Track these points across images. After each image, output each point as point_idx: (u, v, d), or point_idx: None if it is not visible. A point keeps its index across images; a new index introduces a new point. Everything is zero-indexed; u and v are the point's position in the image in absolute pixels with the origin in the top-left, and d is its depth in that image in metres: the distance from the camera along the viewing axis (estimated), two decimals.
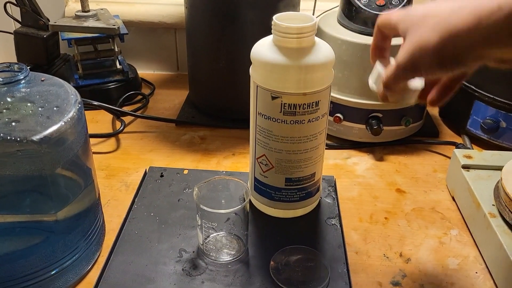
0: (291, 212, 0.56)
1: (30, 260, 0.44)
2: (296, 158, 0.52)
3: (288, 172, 0.53)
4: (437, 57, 0.36)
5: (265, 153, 0.53)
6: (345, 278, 0.49)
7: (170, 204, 0.59)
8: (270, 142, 0.52)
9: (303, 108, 0.49)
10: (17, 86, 0.46)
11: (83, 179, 0.49)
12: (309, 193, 0.56)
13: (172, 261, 0.51)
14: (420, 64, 0.37)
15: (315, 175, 0.55)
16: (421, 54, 0.36)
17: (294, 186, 0.54)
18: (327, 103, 0.51)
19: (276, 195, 0.55)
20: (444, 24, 0.35)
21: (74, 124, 0.45)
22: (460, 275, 0.52)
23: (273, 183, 0.54)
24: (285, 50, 0.48)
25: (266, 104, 0.49)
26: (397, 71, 0.39)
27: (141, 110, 0.85)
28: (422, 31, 0.36)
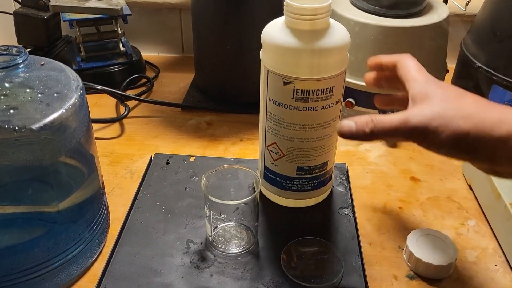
0: (302, 202, 0.54)
1: (32, 253, 0.42)
2: (308, 146, 0.50)
3: (300, 160, 0.51)
4: (454, 140, 0.34)
5: (276, 141, 0.50)
6: (359, 271, 0.47)
7: (177, 192, 0.57)
8: (282, 130, 0.49)
9: (317, 94, 0.46)
10: (15, 70, 0.43)
11: (86, 167, 0.47)
12: (322, 182, 0.54)
13: (180, 252, 0.49)
14: (431, 136, 0.35)
15: (327, 164, 0.52)
16: (438, 128, 0.35)
17: (306, 175, 0.52)
18: (341, 89, 0.48)
19: (287, 184, 0.53)
20: (474, 111, 0.35)
21: (76, 111, 0.42)
22: (479, 268, 0.50)
23: (284, 172, 0.52)
24: (298, 33, 0.45)
25: (278, 89, 0.47)
26: (402, 128, 0.36)
27: (146, 94, 0.82)
28: (450, 109, 0.35)
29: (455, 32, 0.86)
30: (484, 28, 0.71)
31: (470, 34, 0.75)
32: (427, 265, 0.47)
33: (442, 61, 0.75)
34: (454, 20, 0.88)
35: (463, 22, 0.89)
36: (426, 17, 0.69)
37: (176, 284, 0.45)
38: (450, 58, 0.77)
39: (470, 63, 0.69)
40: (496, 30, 0.68)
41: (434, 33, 0.69)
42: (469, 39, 0.75)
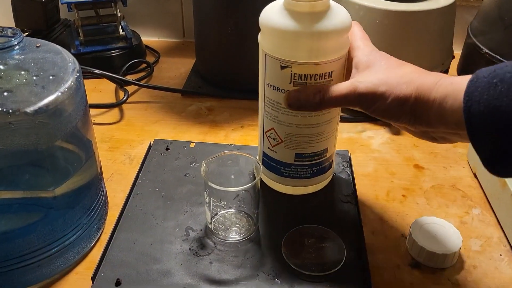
0: (301, 189, 0.53)
1: (28, 238, 0.42)
2: (307, 132, 0.48)
3: (298, 147, 0.49)
4: (398, 104, 0.37)
5: (274, 127, 0.49)
6: (361, 260, 0.46)
7: (176, 179, 0.56)
8: (279, 115, 0.48)
9: (315, 79, 0.44)
10: (10, 52, 0.42)
11: (83, 152, 0.46)
12: (321, 169, 0.52)
13: (179, 239, 0.48)
14: (378, 102, 0.38)
15: (327, 151, 0.51)
16: (385, 94, 0.37)
17: (304, 162, 0.50)
18: (341, 74, 0.46)
19: (286, 171, 0.51)
20: (415, 77, 0.37)
21: (72, 95, 0.41)
22: (483, 257, 0.49)
23: (282, 158, 0.51)
24: (296, 15, 0.43)
25: (275, 74, 0.45)
26: (350, 95, 0.39)
27: (146, 79, 0.81)
28: (394, 76, 0.38)
29: (462, 18, 0.84)
30: (491, 13, 0.69)
31: (477, 20, 0.73)
32: (430, 253, 0.46)
33: (448, 46, 0.73)
34: (461, 5, 0.86)
35: (469, 7, 0.87)
36: (432, 1, 0.67)
37: (175, 271, 0.45)
38: (457, 44, 0.76)
39: (477, 48, 0.68)
40: (503, 15, 0.67)
41: (440, 18, 0.67)
42: (476, 24, 0.73)
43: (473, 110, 0.32)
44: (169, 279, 0.44)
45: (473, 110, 0.32)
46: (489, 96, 0.31)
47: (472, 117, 0.32)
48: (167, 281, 0.44)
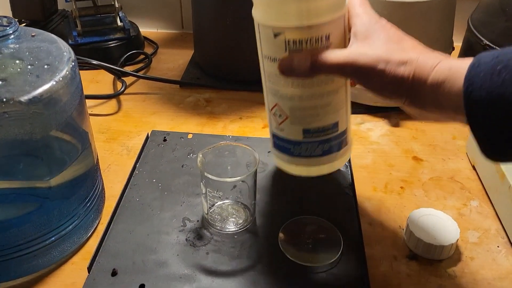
0: (314, 169, 0.47)
1: (23, 228, 0.42)
2: (311, 104, 0.44)
3: (305, 122, 0.45)
4: (395, 84, 0.36)
5: (277, 102, 0.45)
6: (358, 251, 0.46)
7: (173, 170, 0.56)
8: (281, 89, 0.44)
9: (310, 44, 0.40)
10: (5, 41, 0.42)
11: (79, 143, 0.46)
12: (334, 146, 0.47)
13: (175, 230, 0.48)
14: (374, 79, 0.37)
15: (338, 125, 0.46)
16: (384, 72, 0.36)
17: (314, 138, 0.45)
18: (341, 39, 0.42)
19: (295, 149, 0.46)
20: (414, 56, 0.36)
21: (67, 84, 0.41)
22: (481, 249, 0.49)
23: (290, 135, 0.46)
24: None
25: (270, 44, 0.42)
26: (347, 66, 0.37)
27: (144, 71, 0.80)
28: (393, 53, 0.37)
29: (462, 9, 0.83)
30: (493, 5, 0.69)
31: (478, 11, 0.73)
32: (427, 245, 0.46)
33: (448, 38, 0.72)
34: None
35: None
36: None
37: (171, 262, 0.44)
38: (457, 35, 0.75)
39: (477, 40, 0.67)
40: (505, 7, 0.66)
41: (440, 9, 0.67)
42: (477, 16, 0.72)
43: (474, 96, 0.31)
44: (165, 269, 0.44)
45: (474, 96, 0.31)
46: (492, 82, 0.30)
47: (473, 103, 0.31)
48: (163, 272, 0.43)
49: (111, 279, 0.43)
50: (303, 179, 0.48)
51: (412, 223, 0.48)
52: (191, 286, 0.42)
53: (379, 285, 0.45)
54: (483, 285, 0.45)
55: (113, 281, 0.42)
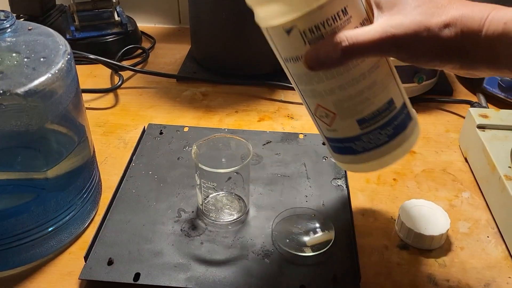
0: (387, 159, 0.42)
1: (21, 218, 0.42)
2: (355, 90, 0.38)
3: (356, 112, 0.39)
4: (444, 50, 0.33)
5: (318, 103, 0.40)
6: (350, 241, 0.47)
7: (169, 162, 0.57)
8: (316, 87, 0.39)
9: (329, 25, 0.35)
10: (2, 35, 0.43)
11: (75, 135, 0.47)
12: (398, 126, 0.41)
13: (171, 221, 0.49)
14: (420, 50, 0.33)
15: (393, 102, 0.40)
16: (428, 39, 0.33)
17: (372, 126, 0.40)
18: (360, 7, 0.37)
19: (358, 146, 0.41)
20: (458, 16, 0.32)
21: (63, 77, 0.41)
22: (471, 239, 0.50)
23: (346, 133, 0.41)
24: None
25: (285, 43, 0.38)
26: (385, 40, 0.33)
27: (141, 65, 0.81)
28: (428, 13, 0.33)
29: None
30: None
31: None
32: (418, 235, 0.47)
33: None
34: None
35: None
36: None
37: (166, 251, 0.45)
38: None
39: None
40: None
41: None
42: None
43: None
44: (160, 258, 0.45)
45: None
46: None
47: None
48: (159, 261, 0.44)
49: (107, 268, 0.43)
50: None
51: (404, 213, 0.49)
52: (185, 275, 0.43)
53: (370, 274, 0.45)
54: (472, 274, 0.46)
55: (109, 269, 0.43)
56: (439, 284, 0.45)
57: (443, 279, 0.45)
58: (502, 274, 0.46)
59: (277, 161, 0.57)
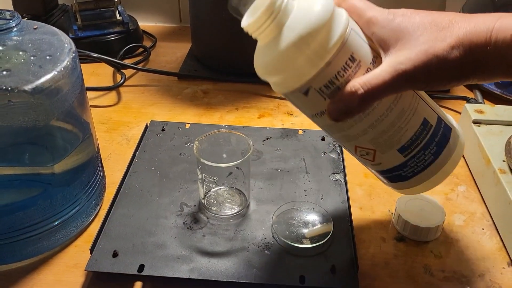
0: (439, 176, 0.42)
1: (28, 212, 0.44)
2: (386, 124, 0.38)
3: (393, 142, 0.40)
4: (458, 70, 0.33)
5: (355, 144, 0.41)
6: (348, 233, 0.48)
7: (172, 158, 0.58)
8: (348, 132, 0.40)
9: (342, 76, 0.36)
10: (8, 34, 0.44)
11: (80, 131, 0.48)
12: (440, 142, 0.40)
13: (173, 215, 0.50)
14: (435, 77, 0.34)
15: (427, 121, 0.40)
16: (438, 65, 0.33)
17: (414, 150, 0.40)
18: (365, 48, 0.37)
19: (406, 172, 0.41)
20: (462, 34, 0.33)
21: (68, 74, 0.43)
22: (466, 231, 0.51)
23: (391, 163, 0.41)
24: (269, 45, 0.37)
25: (307, 103, 0.39)
26: (397, 79, 0.33)
27: (142, 63, 0.82)
28: (432, 39, 0.33)
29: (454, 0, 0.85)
30: None
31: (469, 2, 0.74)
32: (414, 227, 0.48)
33: None
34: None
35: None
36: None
37: (169, 243, 0.47)
38: None
39: None
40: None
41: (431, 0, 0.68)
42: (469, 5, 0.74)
43: None
44: (163, 251, 0.46)
45: None
46: None
47: None
48: (162, 253, 0.46)
49: (112, 259, 0.45)
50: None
51: (400, 206, 0.50)
52: (188, 266, 0.44)
53: (367, 264, 0.47)
54: (467, 264, 0.47)
55: (114, 261, 0.45)
56: (435, 274, 0.46)
57: (438, 270, 0.47)
58: (497, 265, 0.47)
59: (277, 157, 0.59)
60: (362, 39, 0.37)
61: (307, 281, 0.43)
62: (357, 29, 0.37)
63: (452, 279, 0.46)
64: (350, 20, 0.37)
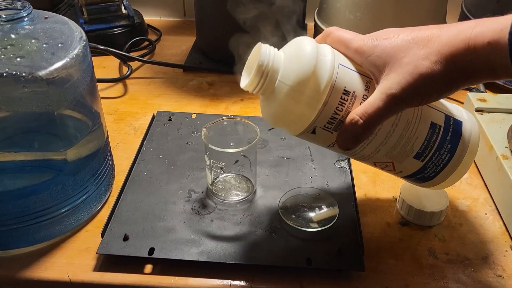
0: (460, 170, 0.43)
1: (41, 196, 0.45)
2: (396, 138, 0.41)
3: (407, 152, 0.42)
4: (445, 82, 0.35)
5: (373, 161, 0.44)
6: (353, 218, 0.49)
7: (179, 147, 0.59)
8: (362, 153, 0.42)
9: (341, 110, 0.38)
10: (20, 23, 0.45)
11: (90, 120, 0.49)
12: (453, 139, 0.42)
13: (182, 200, 0.51)
14: (425, 93, 0.36)
15: (435, 124, 0.41)
16: (425, 83, 0.35)
17: (429, 153, 0.42)
18: (356, 79, 0.39)
19: (428, 173, 0.44)
20: (442, 48, 0.34)
21: (80, 61, 0.44)
22: (469, 216, 0.52)
23: (411, 169, 0.44)
24: (269, 100, 0.41)
25: (317, 139, 0.42)
26: (390, 104, 0.35)
27: (148, 56, 0.83)
28: (414, 59, 0.35)
29: None
30: None
31: None
32: (418, 212, 0.49)
33: (441, 21, 0.75)
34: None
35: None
36: None
37: (178, 228, 0.48)
38: (450, 19, 0.77)
39: None
40: None
41: None
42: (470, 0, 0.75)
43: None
44: (173, 235, 0.47)
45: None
46: None
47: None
48: (171, 237, 0.47)
49: (123, 243, 0.46)
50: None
51: (405, 191, 0.51)
52: (197, 249, 0.45)
53: (372, 248, 0.48)
54: (470, 247, 0.48)
55: (125, 245, 0.46)
56: (439, 257, 0.47)
57: (442, 253, 0.48)
58: (499, 248, 0.48)
59: (282, 145, 0.60)
60: (351, 70, 0.39)
61: (313, 263, 0.44)
62: (345, 62, 0.40)
63: (456, 261, 0.47)
64: (336, 55, 0.40)
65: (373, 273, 0.45)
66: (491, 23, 0.33)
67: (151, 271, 0.45)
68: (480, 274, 0.45)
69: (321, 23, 0.77)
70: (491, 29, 0.33)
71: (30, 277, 0.45)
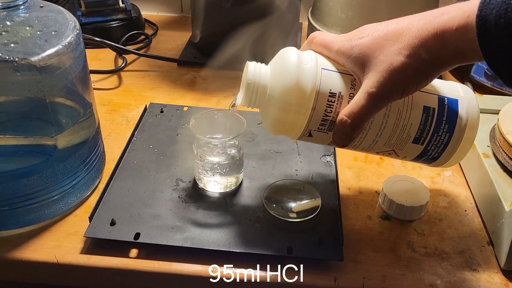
0: (463, 147, 0.44)
1: (32, 179, 0.46)
2: (390, 128, 0.42)
3: (405, 138, 0.43)
4: (420, 74, 0.37)
5: (375, 151, 0.45)
6: (336, 210, 0.50)
7: (169, 137, 0.60)
8: (362, 145, 0.44)
9: (330, 112, 0.41)
10: (16, 11, 0.46)
11: (82, 108, 0.50)
12: (450, 119, 0.43)
13: (169, 189, 0.52)
14: (403, 87, 0.37)
15: (428, 107, 0.42)
16: (401, 78, 0.36)
17: (428, 137, 0.43)
18: (339, 80, 0.41)
19: (431, 154, 0.45)
20: (412, 41, 0.36)
21: (72, 49, 0.45)
22: (449, 212, 0.53)
23: (414, 154, 0.45)
24: (264, 112, 0.44)
25: (316, 140, 0.44)
26: (373, 101, 0.37)
27: (144, 50, 0.85)
28: (389, 56, 0.36)
29: None
30: None
31: None
32: (399, 206, 0.51)
33: None
34: None
35: None
36: None
37: (165, 215, 0.49)
38: None
39: None
40: None
41: None
42: None
43: (489, 29, 0.31)
44: (158, 221, 0.48)
45: (488, 34, 0.31)
46: (507, 18, 0.30)
47: (487, 35, 0.32)
48: (157, 223, 0.48)
49: (109, 227, 0.47)
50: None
51: (387, 186, 0.52)
52: (182, 236, 0.47)
53: (353, 240, 0.49)
54: (448, 242, 0.50)
55: (111, 229, 0.47)
56: (417, 250, 0.48)
57: (420, 246, 0.49)
58: (477, 243, 0.50)
59: (270, 139, 0.61)
60: (335, 72, 0.41)
61: (294, 251, 0.46)
62: (328, 65, 0.42)
63: (433, 254, 0.48)
64: (319, 60, 0.42)
65: (351, 263, 0.46)
66: (457, 9, 0.34)
67: (136, 255, 0.46)
68: (456, 268, 0.47)
69: (315, 22, 0.78)
70: (458, 16, 0.34)
71: (19, 258, 0.46)
